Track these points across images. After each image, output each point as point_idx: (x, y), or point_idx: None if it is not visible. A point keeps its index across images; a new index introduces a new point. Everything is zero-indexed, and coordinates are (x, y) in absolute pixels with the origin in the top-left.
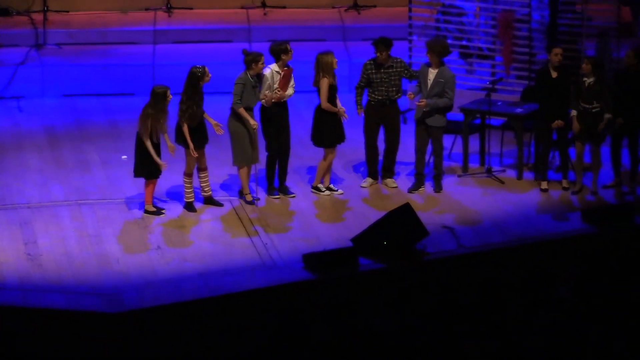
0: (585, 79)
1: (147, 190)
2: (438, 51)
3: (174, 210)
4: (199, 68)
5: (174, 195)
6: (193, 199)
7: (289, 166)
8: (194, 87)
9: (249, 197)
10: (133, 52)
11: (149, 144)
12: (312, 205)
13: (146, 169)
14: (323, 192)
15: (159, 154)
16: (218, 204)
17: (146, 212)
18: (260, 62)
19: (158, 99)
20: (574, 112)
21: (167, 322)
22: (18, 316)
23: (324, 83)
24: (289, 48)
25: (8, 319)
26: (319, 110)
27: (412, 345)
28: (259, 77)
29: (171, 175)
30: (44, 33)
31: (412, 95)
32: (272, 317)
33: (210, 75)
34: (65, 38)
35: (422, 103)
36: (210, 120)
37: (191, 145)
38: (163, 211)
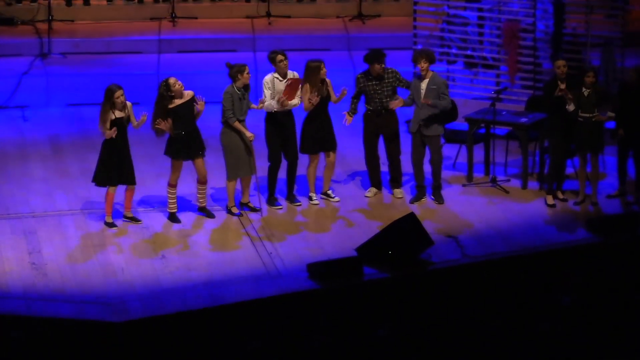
0: (584, 89)
1: (109, 199)
2: (432, 59)
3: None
4: (162, 83)
5: (179, 204)
6: (176, 210)
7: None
8: (160, 102)
9: (234, 210)
10: (138, 62)
11: (104, 131)
12: (317, 214)
13: (105, 175)
14: (313, 200)
15: (128, 153)
16: (211, 215)
17: (106, 223)
18: (245, 72)
19: (107, 95)
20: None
21: (172, 331)
22: (22, 325)
23: (305, 88)
24: (277, 59)
25: (13, 328)
26: (306, 117)
27: (415, 354)
28: (247, 87)
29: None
30: (49, 42)
31: (401, 103)
32: (276, 326)
33: (178, 84)
34: (70, 47)
35: (429, 101)
36: (199, 112)
37: (165, 125)
38: (139, 222)
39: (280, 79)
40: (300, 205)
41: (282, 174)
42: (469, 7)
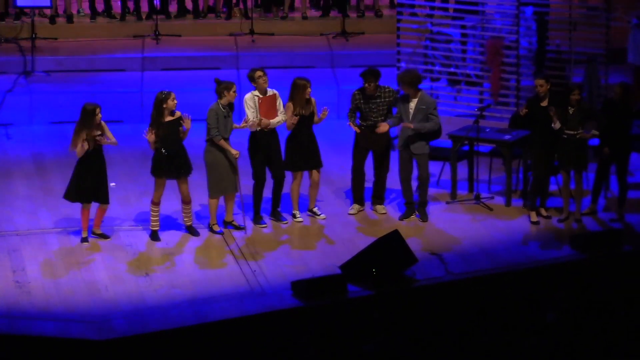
0: (570, 107)
1: (84, 216)
2: (408, 82)
3: (162, 237)
4: (164, 92)
5: (164, 222)
6: (158, 228)
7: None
8: (155, 110)
9: (216, 228)
10: (121, 79)
11: (77, 149)
12: (300, 232)
13: (79, 193)
14: (297, 218)
15: (104, 171)
16: (195, 234)
17: (83, 240)
18: (232, 90)
19: (86, 116)
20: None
21: (156, 349)
22: (6, 344)
23: (287, 106)
24: (255, 75)
25: None
26: (289, 134)
27: None
28: (231, 106)
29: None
30: (32, 60)
31: (386, 127)
32: (260, 344)
33: (175, 101)
34: (53, 65)
35: (409, 126)
36: (185, 132)
37: (150, 135)
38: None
39: (261, 96)
40: (286, 223)
41: (268, 192)
42: (452, 24)
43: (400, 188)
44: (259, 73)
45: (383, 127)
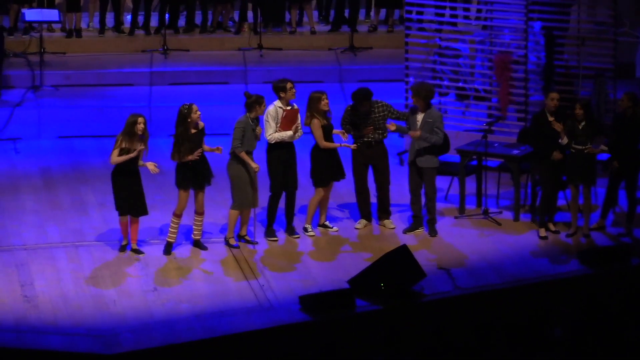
0: (577, 122)
1: (123, 225)
2: (424, 95)
3: (172, 251)
4: (186, 106)
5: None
6: (174, 241)
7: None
8: (181, 125)
9: (232, 241)
10: (129, 94)
11: (117, 158)
12: (309, 246)
13: (118, 203)
14: (308, 232)
15: (138, 185)
16: (203, 248)
17: (121, 248)
18: (262, 105)
19: (127, 126)
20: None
21: None
22: (14, 358)
23: (315, 125)
24: (287, 87)
25: None
26: (313, 148)
27: None
28: (258, 119)
29: (167, 216)
30: (41, 75)
31: (394, 126)
32: (268, 359)
33: (199, 112)
34: (61, 80)
35: (417, 133)
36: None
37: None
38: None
39: (284, 108)
40: (299, 237)
41: (280, 205)
42: (460, 39)
43: (409, 201)
44: (290, 85)
45: (390, 127)
